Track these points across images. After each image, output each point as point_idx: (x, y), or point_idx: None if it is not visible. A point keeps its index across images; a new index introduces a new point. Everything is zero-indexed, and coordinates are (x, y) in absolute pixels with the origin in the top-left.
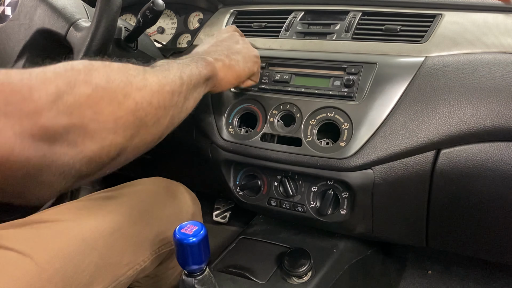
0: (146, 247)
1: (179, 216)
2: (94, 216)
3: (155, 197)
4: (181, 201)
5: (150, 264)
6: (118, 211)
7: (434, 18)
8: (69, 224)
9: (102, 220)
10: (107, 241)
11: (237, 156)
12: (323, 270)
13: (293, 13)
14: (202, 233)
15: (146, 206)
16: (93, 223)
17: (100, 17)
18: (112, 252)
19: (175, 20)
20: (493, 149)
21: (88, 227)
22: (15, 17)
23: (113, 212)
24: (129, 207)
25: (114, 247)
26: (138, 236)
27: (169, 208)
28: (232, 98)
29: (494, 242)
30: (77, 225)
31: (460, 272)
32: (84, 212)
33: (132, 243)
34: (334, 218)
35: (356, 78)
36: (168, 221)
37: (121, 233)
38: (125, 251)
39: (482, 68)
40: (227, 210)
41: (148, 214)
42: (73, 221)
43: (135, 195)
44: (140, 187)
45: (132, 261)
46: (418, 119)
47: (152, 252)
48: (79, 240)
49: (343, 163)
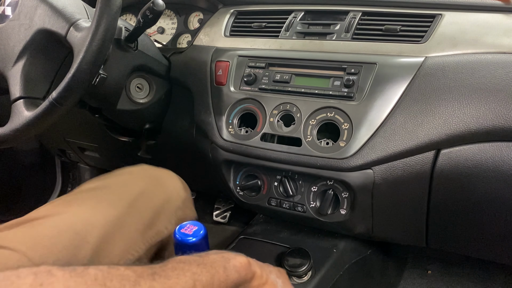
0: (137, 236)
1: (169, 203)
2: (85, 209)
3: (143, 186)
4: (170, 188)
5: (144, 254)
6: (108, 202)
7: (434, 18)
8: (61, 218)
9: (92, 212)
10: (98, 233)
11: (237, 156)
12: (323, 270)
13: (293, 13)
14: (202, 233)
15: (135, 195)
16: (84, 215)
17: (100, 17)
18: (104, 244)
19: (175, 20)
20: (493, 149)
21: (80, 220)
22: (15, 17)
23: (103, 204)
24: (118, 197)
25: (106, 238)
26: (129, 226)
27: (159, 196)
28: (232, 98)
29: (494, 242)
30: (68, 219)
31: (460, 272)
32: (75, 205)
33: (123, 234)
34: (334, 218)
35: (356, 78)
36: (158, 210)
37: (112, 224)
38: (116, 242)
39: (482, 68)
40: (227, 210)
41: (138, 204)
42: (64, 215)
43: (123, 185)
44: (128, 176)
45: (124, 251)
46: (418, 119)
47: (145, 242)
48: (71, 234)
49: (343, 163)
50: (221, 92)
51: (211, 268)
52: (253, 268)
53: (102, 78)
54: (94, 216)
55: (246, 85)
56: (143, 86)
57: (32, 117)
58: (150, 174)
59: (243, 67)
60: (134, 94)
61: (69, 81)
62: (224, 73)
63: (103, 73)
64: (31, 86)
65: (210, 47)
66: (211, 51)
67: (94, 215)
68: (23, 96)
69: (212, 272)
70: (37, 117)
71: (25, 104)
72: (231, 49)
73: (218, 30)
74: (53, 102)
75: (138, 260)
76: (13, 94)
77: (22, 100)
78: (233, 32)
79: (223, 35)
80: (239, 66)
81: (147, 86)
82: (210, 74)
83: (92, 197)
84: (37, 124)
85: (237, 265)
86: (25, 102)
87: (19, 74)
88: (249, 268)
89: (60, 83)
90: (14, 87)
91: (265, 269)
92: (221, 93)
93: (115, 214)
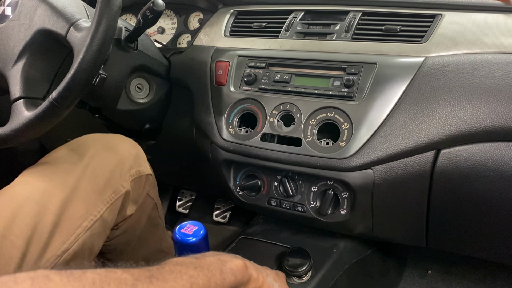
0: (96, 197)
1: (122, 163)
2: (42, 178)
3: (95, 151)
4: (121, 150)
5: (107, 214)
6: (64, 170)
7: (434, 18)
8: (19, 191)
9: (50, 181)
10: (57, 199)
11: (237, 156)
12: (323, 270)
13: (293, 13)
14: (202, 233)
15: (88, 161)
16: (42, 184)
17: (100, 17)
18: (64, 209)
19: (175, 20)
20: (493, 149)
21: (38, 189)
22: (15, 17)
23: (59, 172)
24: (72, 165)
25: (65, 203)
26: (86, 189)
27: (110, 158)
28: (232, 98)
29: (494, 242)
30: (27, 189)
31: (460, 272)
32: (32, 176)
33: (81, 197)
34: (334, 218)
35: (356, 78)
36: (112, 170)
37: (69, 190)
38: (76, 205)
39: (482, 68)
40: (227, 210)
41: (91, 168)
42: (23, 187)
43: (76, 153)
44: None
45: (86, 213)
46: (418, 119)
47: (103, 201)
48: (32, 203)
49: (343, 163)
50: (221, 92)
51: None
52: (249, 271)
53: (102, 78)
54: (51, 185)
55: (246, 85)
56: (143, 86)
57: (32, 117)
58: (100, 140)
59: (243, 67)
60: (134, 94)
61: (69, 81)
62: (224, 73)
63: (103, 73)
64: (31, 86)
65: (210, 47)
66: (211, 51)
67: (51, 184)
68: (23, 96)
69: (208, 275)
70: (37, 117)
71: (25, 104)
72: (231, 49)
73: (218, 30)
74: (53, 102)
75: (101, 219)
76: (13, 94)
77: (22, 100)
78: (233, 32)
79: (223, 35)
80: (239, 66)
81: (147, 86)
82: (210, 74)
83: (48, 168)
84: (37, 124)
85: (233, 268)
86: (25, 102)
87: (19, 74)
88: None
89: (60, 83)
90: (14, 87)
91: (261, 272)
92: (221, 93)
93: (71, 180)
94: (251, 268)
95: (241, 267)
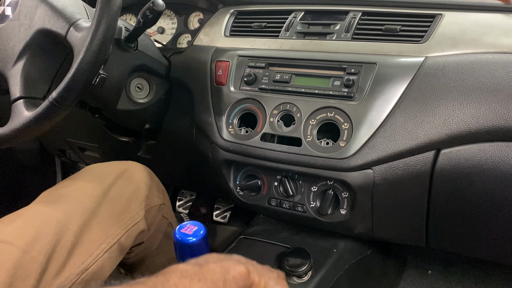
0: (113, 222)
1: (138, 192)
2: (64, 199)
3: (114, 179)
4: (137, 179)
5: (124, 239)
6: (84, 194)
7: (434, 18)
8: (42, 208)
9: (71, 203)
10: (78, 221)
11: (237, 156)
12: (323, 270)
13: (293, 13)
14: (202, 233)
15: (107, 187)
16: (63, 205)
17: (100, 17)
18: (83, 231)
19: (175, 20)
20: (493, 149)
21: (60, 209)
22: (15, 17)
23: (80, 196)
24: (92, 190)
25: (85, 225)
26: (104, 215)
27: (128, 187)
28: (232, 98)
29: (494, 242)
30: (49, 209)
31: (460, 272)
32: (54, 197)
33: (100, 221)
34: (334, 218)
35: (356, 78)
36: (129, 198)
37: (88, 213)
38: (94, 228)
39: (482, 68)
40: (227, 210)
41: (110, 195)
42: (45, 206)
43: (96, 179)
44: (99, 171)
45: (103, 236)
46: (418, 119)
47: (121, 226)
48: (54, 221)
49: (343, 163)
50: (221, 92)
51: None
52: (252, 276)
53: (102, 78)
54: (72, 207)
55: (246, 85)
56: (143, 86)
57: (32, 117)
58: (119, 168)
59: (243, 67)
60: (134, 94)
61: (69, 81)
62: (224, 73)
63: (103, 73)
64: (31, 86)
65: (210, 47)
66: (211, 51)
67: (72, 206)
68: (23, 96)
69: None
70: (37, 117)
71: (25, 104)
72: (231, 49)
73: (218, 30)
74: (53, 102)
75: (118, 243)
76: (13, 94)
77: (22, 100)
78: (233, 32)
79: (223, 35)
80: (239, 66)
81: (147, 86)
82: (210, 74)
83: (70, 190)
84: (37, 124)
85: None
86: (25, 102)
87: (19, 74)
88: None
89: (60, 83)
90: (14, 87)
91: (264, 276)
92: (221, 93)
93: (91, 205)
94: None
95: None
